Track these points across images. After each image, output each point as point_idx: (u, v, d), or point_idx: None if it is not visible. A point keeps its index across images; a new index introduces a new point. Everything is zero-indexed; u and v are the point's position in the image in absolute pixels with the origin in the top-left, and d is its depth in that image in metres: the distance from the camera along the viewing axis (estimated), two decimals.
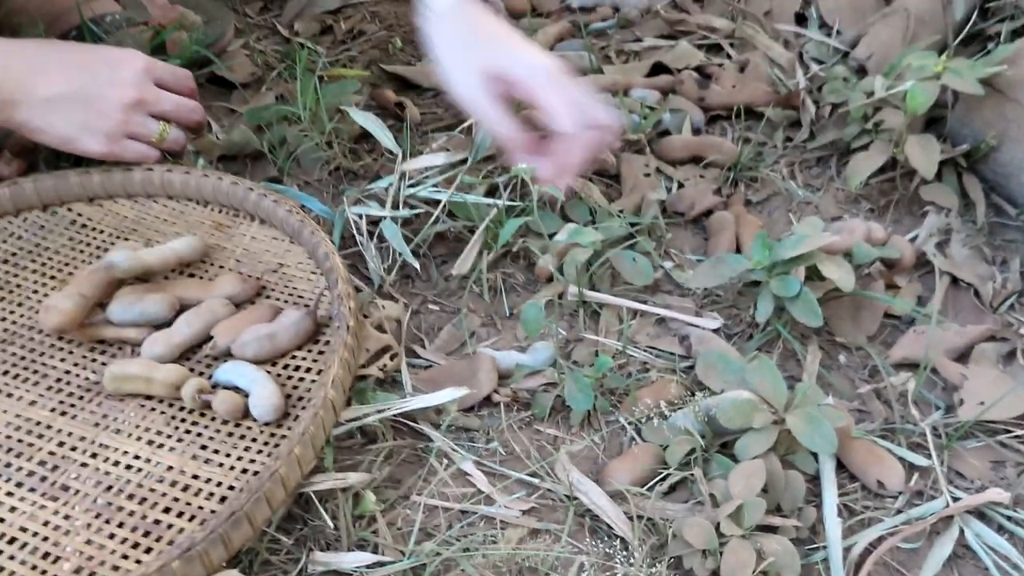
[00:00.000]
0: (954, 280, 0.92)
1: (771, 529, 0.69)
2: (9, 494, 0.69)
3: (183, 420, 0.74)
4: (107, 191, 0.94)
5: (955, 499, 0.73)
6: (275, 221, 0.90)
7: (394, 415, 0.76)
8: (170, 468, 0.70)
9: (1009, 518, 0.73)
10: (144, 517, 0.67)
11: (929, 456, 0.76)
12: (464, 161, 0.97)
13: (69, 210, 0.94)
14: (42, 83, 0.86)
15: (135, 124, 0.90)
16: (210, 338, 0.79)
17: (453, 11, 0.91)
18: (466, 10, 0.91)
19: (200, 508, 0.68)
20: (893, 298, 0.88)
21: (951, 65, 0.91)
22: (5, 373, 0.78)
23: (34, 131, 0.88)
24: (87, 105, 0.87)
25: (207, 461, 0.71)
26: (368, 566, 0.67)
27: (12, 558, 0.65)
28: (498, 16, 0.94)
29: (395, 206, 0.94)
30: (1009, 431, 0.79)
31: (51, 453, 0.72)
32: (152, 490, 0.69)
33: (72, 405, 0.76)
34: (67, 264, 0.89)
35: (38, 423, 0.74)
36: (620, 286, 0.91)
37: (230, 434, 0.73)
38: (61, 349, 0.80)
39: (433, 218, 0.93)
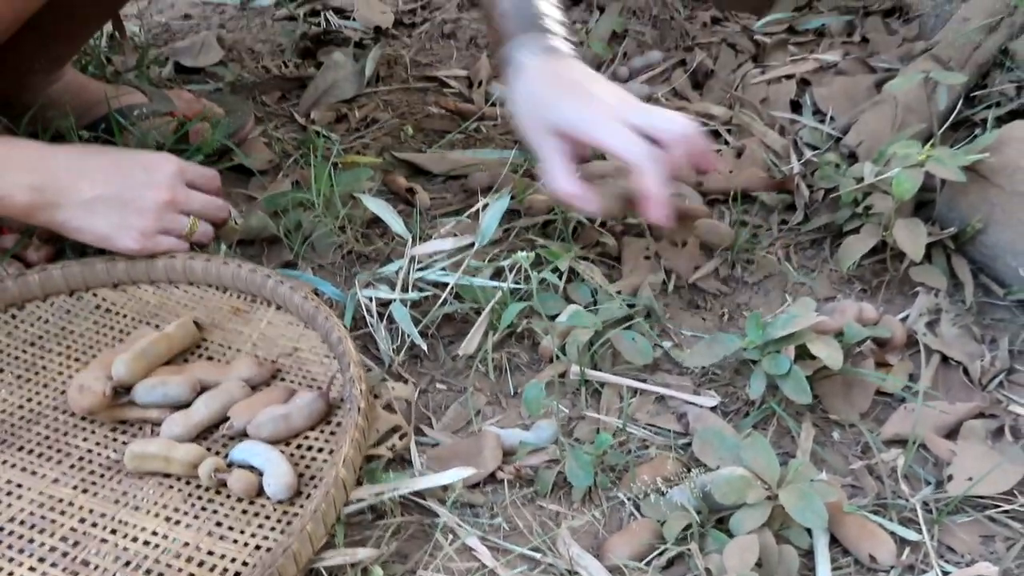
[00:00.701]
0: (944, 358, 0.95)
1: None
2: (32, 569, 0.72)
3: (200, 498, 0.78)
4: (131, 277, 0.99)
5: (945, 574, 0.75)
6: (291, 307, 0.94)
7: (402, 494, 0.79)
8: (186, 544, 0.74)
9: None
10: None
11: (920, 531, 0.79)
12: (471, 245, 1.02)
13: (94, 295, 0.99)
14: (82, 186, 0.91)
15: (167, 221, 0.96)
16: (227, 419, 0.83)
17: (531, 66, 0.95)
18: (543, 66, 0.95)
19: None
20: (884, 376, 0.91)
21: (934, 154, 0.95)
22: (30, 452, 0.82)
23: (73, 231, 0.93)
24: (124, 206, 0.93)
25: (222, 537, 0.74)
26: None
27: None
28: (574, 64, 0.96)
29: (404, 289, 0.98)
30: (998, 506, 0.81)
31: (72, 529, 0.75)
32: (169, 565, 0.72)
33: (93, 483, 0.79)
34: (91, 347, 0.93)
35: (60, 500, 0.78)
36: (621, 365, 0.94)
37: (244, 511, 0.76)
38: (84, 429, 0.84)
39: (441, 300, 0.97)
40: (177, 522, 0.76)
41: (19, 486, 0.79)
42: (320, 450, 0.81)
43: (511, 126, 1.38)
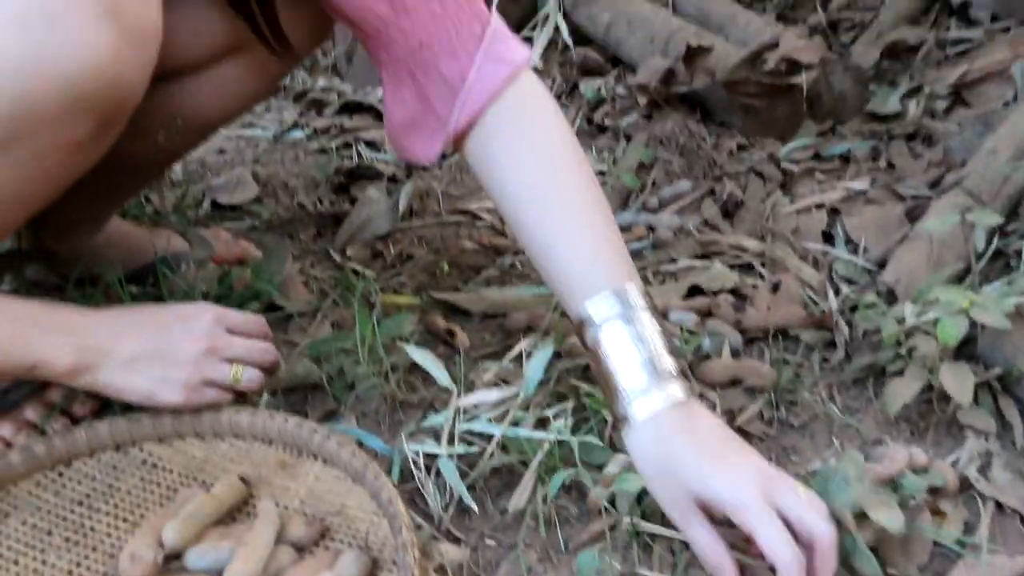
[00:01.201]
0: (998, 505, 0.94)
1: None
2: None
3: None
4: (177, 431, 0.99)
5: None
6: (338, 462, 0.94)
7: None
8: None
9: None
10: None
11: None
12: (515, 395, 1.02)
13: (140, 450, 0.99)
14: (122, 346, 0.92)
15: (209, 371, 0.96)
16: None
17: (650, 425, 0.84)
18: (664, 424, 0.84)
19: None
20: (940, 527, 0.89)
21: (977, 300, 0.95)
22: None
23: (116, 391, 0.93)
24: (163, 360, 0.93)
25: None
26: None
27: None
28: (704, 418, 0.86)
29: (451, 441, 0.98)
30: None
31: None
32: None
33: None
34: (139, 506, 0.93)
35: None
36: None
37: None
38: None
39: (488, 454, 0.97)
40: None
41: None
42: None
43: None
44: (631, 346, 0.87)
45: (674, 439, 0.83)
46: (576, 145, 0.98)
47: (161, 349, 0.93)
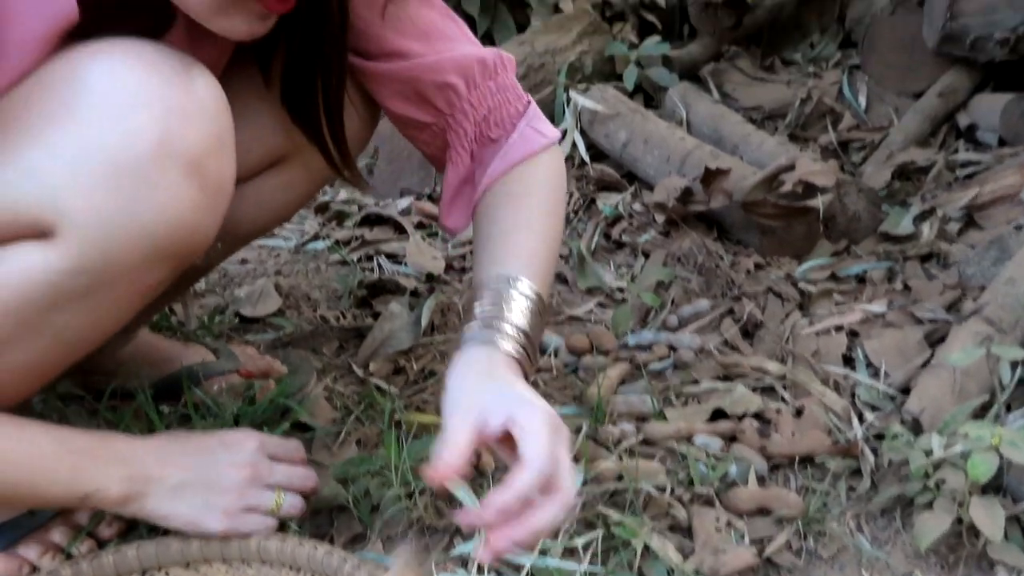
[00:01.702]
0: None
1: None
2: None
3: None
4: (204, 556, 0.99)
5: None
6: None
7: None
8: None
9: None
10: None
11: None
12: None
13: (166, 574, 0.98)
14: (168, 474, 0.94)
15: (251, 498, 0.97)
16: None
17: (481, 350, 0.96)
18: (492, 356, 0.96)
19: None
20: None
21: (1007, 436, 0.96)
22: None
23: (161, 518, 0.94)
24: (207, 487, 0.95)
25: None
26: None
27: None
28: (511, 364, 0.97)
29: (479, 570, 0.98)
30: None
31: None
32: None
33: None
34: None
35: None
36: None
37: None
38: None
39: None
40: None
41: None
42: None
43: (567, 381, 1.41)
44: (496, 311, 0.98)
45: (505, 367, 0.94)
46: (559, 209, 1.11)
47: (206, 476, 0.95)
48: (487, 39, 2.55)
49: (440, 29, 1.07)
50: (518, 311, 0.99)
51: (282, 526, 1.01)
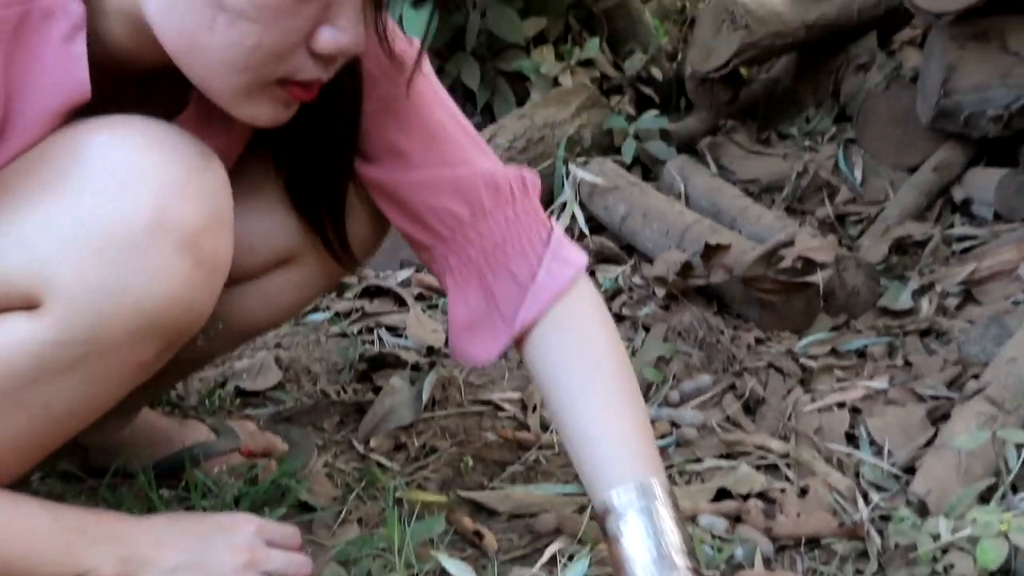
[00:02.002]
0: None
1: None
2: None
3: None
4: None
5: None
6: None
7: None
8: None
9: None
10: None
11: None
12: None
13: None
14: (164, 556, 0.92)
15: None
16: None
17: None
18: None
19: None
20: None
21: (1015, 522, 0.96)
22: None
23: None
24: (203, 571, 0.94)
25: None
26: None
27: None
28: None
29: None
30: None
31: None
32: None
33: None
34: None
35: None
36: None
37: None
38: None
39: None
40: None
41: None
42: None
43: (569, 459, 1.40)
44: (647, 539, 0.91)
45: None
46: (620, 345, 1.05)
47: (202, 560, 0.94)
48: (487, 112, 2.59)
49: (449, 133, 1.04)
50: (671, 530, 0.92)
51: None
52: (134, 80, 0.88)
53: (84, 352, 0.80)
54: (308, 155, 1.01)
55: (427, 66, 1.05)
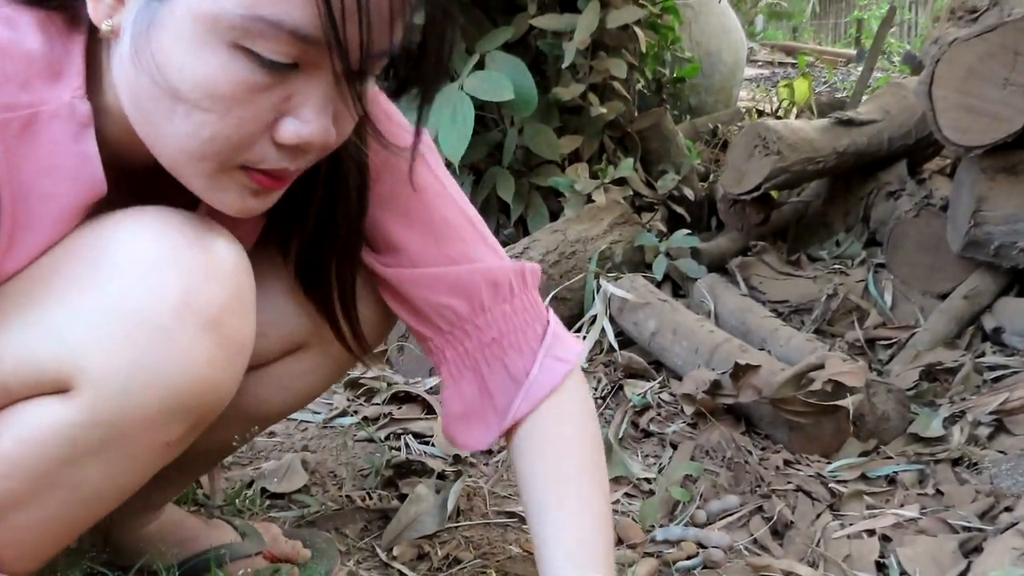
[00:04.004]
0: None
1: None
2: None
3: None
4: None
5: None
6: None
7: None
8: None
9: None
10: None
11: None
12: None
13: None
14: None
15: None
16: None
17: None
18: None
19: None
20: None
21: None
22: None
23: None
24: None
25: None
26: None
27: None
28: None
29: None
30: None
31: None
32: None
33: None
34: None
35: None
36: None
37: None
38: None
39: None
40: None
41: None
42: None
43: None
44: None
45: None
46: (598, 446, 1.09)
47: None
48: (520, 225, 2.63)
49: (455, 229, 1.06)
50: None
51: None
52: (148, 174, 0.91)
53: (113, 433, 0.81)
54: (315, 245, 1.03)
55: (432, 156, 1.08)
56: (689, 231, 2.48)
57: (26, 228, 0.82)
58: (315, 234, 1.01)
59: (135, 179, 0.89)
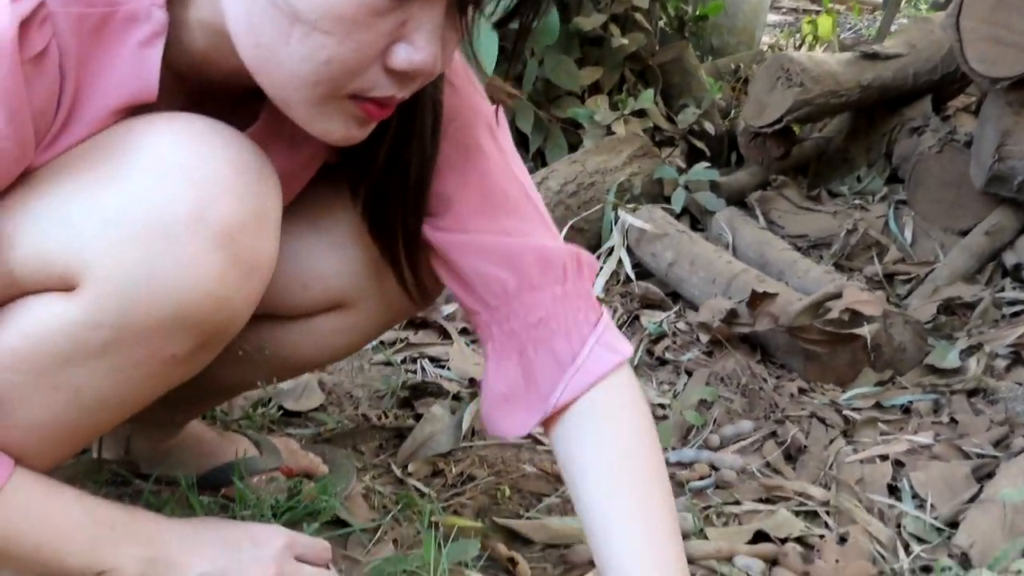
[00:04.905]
0: None
1: None
2: None
3: None
4: None
5: None
6: None
7: None
8: None
9: None
10: None
11: None
12: None
13: None
14: (190, 563, 0.91)
15: None
16: None
17: None
18: None
19: None
20: None
21: None
22: None
23: None
24: None
25: None
26: None
27: None
28: None
29: None
30: None
31: None
32: None
33: None
34: None
35: None
36: None
37: None
38: None
39: None
40: None
41: None
42: None
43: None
44: None
45: None
46: (656, 442, 1.00)
47: (230, 571, 0.92)
48: (539, 157, 2.62)
49: (512, 203, 1.01)
50: None
51: None
52: (210, 94, 0.90)
53: (116, 337, 0.80)
54: (384, 184, 0.99)
55: (503, 132, 1.04)
56: (708, 165, 2.46)
57: (77, 122, 0.81)
58: (385, 171, 0.97)
59: (196, 99, 0.88)
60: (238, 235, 0.82)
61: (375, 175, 0.98)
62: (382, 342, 1.88)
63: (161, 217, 0.79)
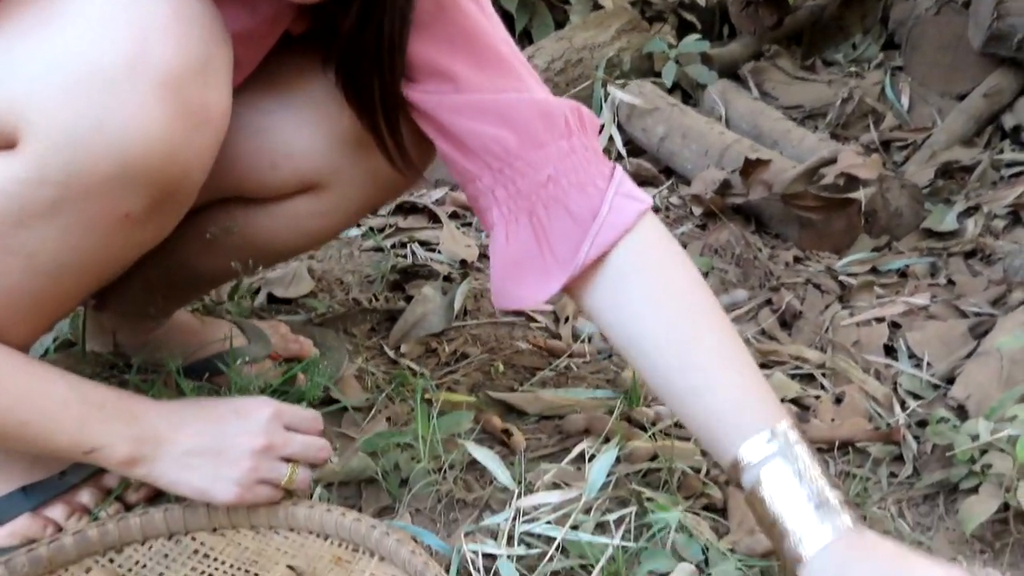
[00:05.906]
0: None
1: None
2: None
3: None
4: (231, 522, 0.97)
5: None
6: (397, 560, 0.91)
7: None
8: None
9: None
10: None
11: None
12: (577, 497, 1.00)
13: (193, 539, 0.97)
14: (179, 439, 0.90)
15: (264, 470, 0.93)
16: None
17: (824, 558, 0.81)
18: (839, 553, 0.81)
19: None
20: None
21: None
22: None
23: (169, 484, 0.91)
24: (218, 456, 0.91)
25: None
26: None
27: None
28: (873, 541, 0.82)
29: (510, 542, 0.96)
30: None
31: None
32: None
33: None
34: None
35: None
36: None
37: None
38: None
39: (548, 556, 0.94)
40: None
41: None
42: None
43: (600, 366, 1.39)
44: (794, 485, 0.84)
45: (852, 567, 0.79)
46: (706, 287, 0.95)
47: (218, 444, 0.91)
48: (525, 36, 2.54)
49: (503, 60, 0.95)
50: (813, 469, 0.85)
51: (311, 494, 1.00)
52: None
53: (62, 194, 0.77)
54: (357, 46, 0.93)
55: (486, 3, 0.97)
56: (700, 37, 2.40)
57: None
58: (358, 28, 0.91)
59: None
60: (183, 83, 0.77)
61: (347, 35, 0.92)
62: (371, 228, 1.85)
63: (96, 65, 0.74)
